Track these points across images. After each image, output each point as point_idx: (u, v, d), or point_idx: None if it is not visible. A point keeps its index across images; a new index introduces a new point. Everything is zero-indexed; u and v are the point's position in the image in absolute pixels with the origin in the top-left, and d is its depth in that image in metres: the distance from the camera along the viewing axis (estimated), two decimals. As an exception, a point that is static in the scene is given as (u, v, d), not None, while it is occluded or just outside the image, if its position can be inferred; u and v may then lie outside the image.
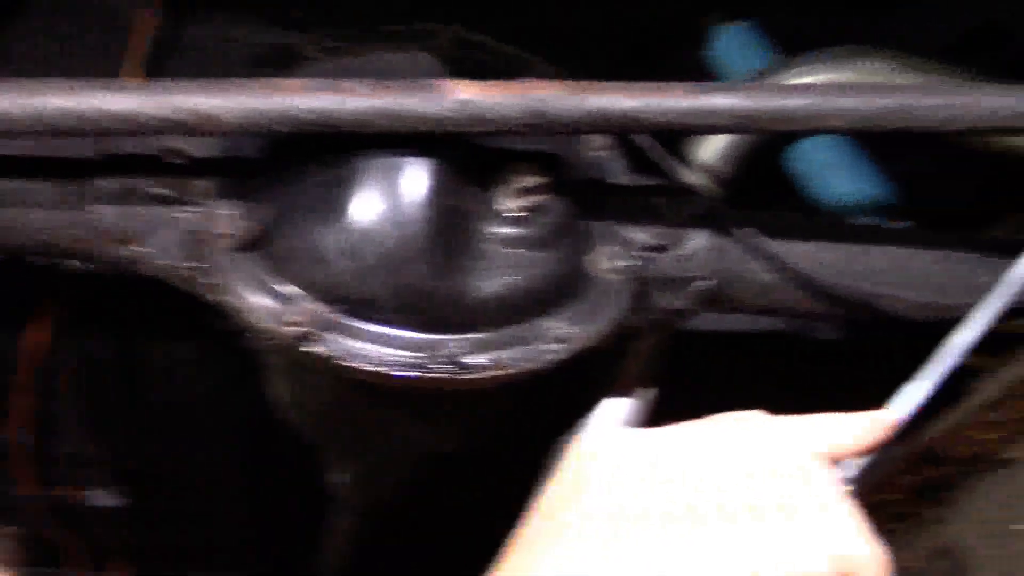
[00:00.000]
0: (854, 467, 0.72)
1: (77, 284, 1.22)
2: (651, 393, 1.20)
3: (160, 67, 1.16)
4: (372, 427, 1.07)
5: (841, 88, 0.88)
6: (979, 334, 0.78)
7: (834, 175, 1.31)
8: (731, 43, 1.40)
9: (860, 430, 0.71)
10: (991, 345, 1.15)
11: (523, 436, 1.26)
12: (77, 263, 1.03)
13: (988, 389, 0.76)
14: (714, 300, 1.07)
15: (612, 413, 1.19)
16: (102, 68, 1.14)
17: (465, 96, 0.85)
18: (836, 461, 0.71)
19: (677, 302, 1.05)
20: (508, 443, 1.25)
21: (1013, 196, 1.24)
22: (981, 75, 1.15)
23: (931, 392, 0.76)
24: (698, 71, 1.44)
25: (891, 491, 0.86)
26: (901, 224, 1.28)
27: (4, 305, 1.26)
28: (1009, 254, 1.11)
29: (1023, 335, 1.06)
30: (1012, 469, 0.79)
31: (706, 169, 1.22)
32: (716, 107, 0.86)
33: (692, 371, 1.37)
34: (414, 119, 0.85)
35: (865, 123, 0.87)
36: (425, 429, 1.06)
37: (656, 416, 1.21)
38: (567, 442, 1.15)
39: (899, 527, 0.90)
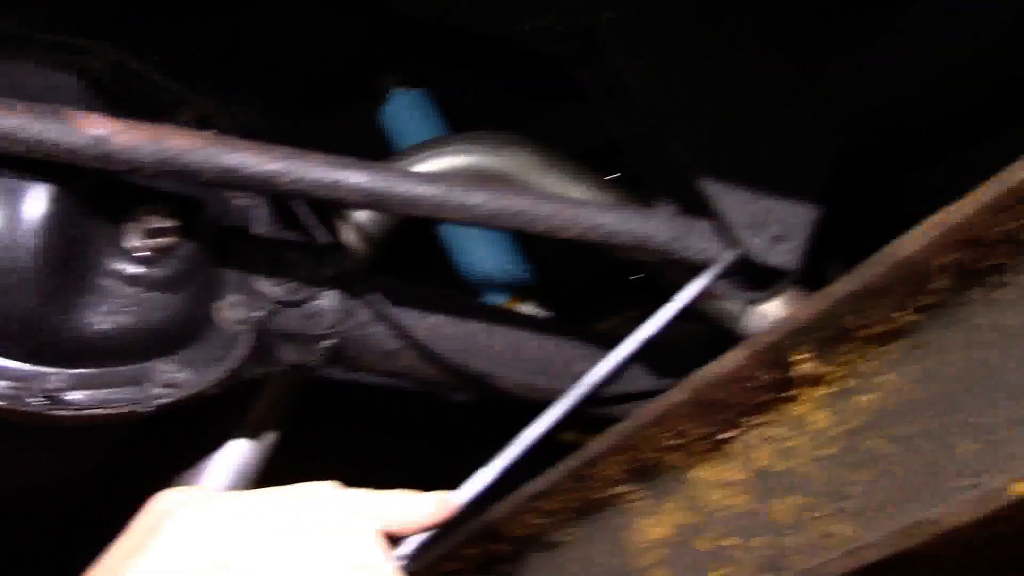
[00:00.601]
0: (414, 542, 0.78)
1: None
2: (272, 438, 1.22)
3: None
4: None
5: (470, 185, 0.94)
6: (547, 429, 0.86)
7: (476, 251, 1.40)
8: (404, 107, 1.46)
9: (422, 509, 0.76)
10: (591, 425, 1.27)
11: (134, 473, 1.24)
12: None
13: (541, 480, 0.85)
14: (339, 359, 1.10)
15: (229, 458, 1.20)
16: None
17: (98, 133, 0.84)
18: (397, 536, 0.76)
19: (302, 357, 1.07)
20: (117, 479, 1.22)
21: (623, 294, 1.39)
22: (609, 180, 1.29)
23: (497, 478, 0.83)
24: (371, 127, 1.49)
25: (456, 562, 0.93)
26: (527, 306, 1.39)
27: None
28: (610, 347, 1.24)
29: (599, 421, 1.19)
30: (555, 552, 0.88)
31: (358, 229, 1.27)
32: (348, 184, 0.90)
33: (324, 418, 1.40)
34: (38, 147, 0.83)
35: (483, 221, 0.94)
36: (18, 458, 1.02)
37: (280, 461, 1.23)
38: (171, 487, 1.14)
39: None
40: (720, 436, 0.77)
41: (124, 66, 1.05)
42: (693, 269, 1.07)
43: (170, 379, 0.94)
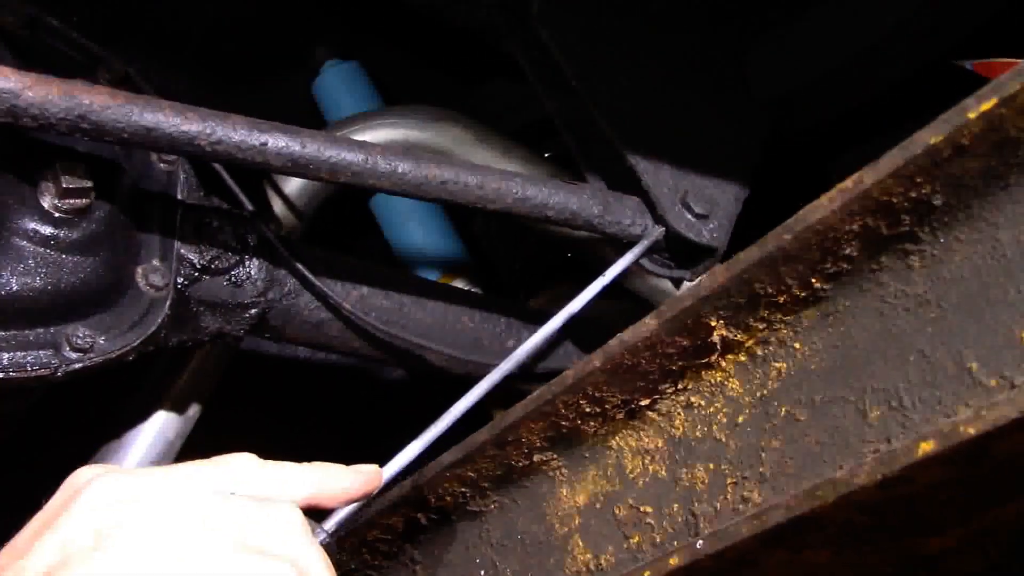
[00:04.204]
0: (341, 515, 0.75)
1: None
2: (195, 411, 1.20)
3: None
4: None
5: (395, 152, 0.93)
6: (476, 402, 0.85)
7: (409, 227, 1.39)
8: (337, 78, 1.45)
9: (348, 480, 0.74)
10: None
11: (47, 442, 1.21)
12: None
13: (461, 447, 0.84)
14: (264, 328, 1.09)
15: (152, 429, 1.18)
16: None
17: (6, 86, 0.81)
18: (323, 508, 0.74)
19: (226, 325, 1.05)
20: (30, 448, 1.19)
21: (552, 272, 1.39)
22: (544, 157, 1.29)
23: (425, 450, 0.82)
24: (305, 100, 1.48)
25: (378, 530, 0.92)
26: (460, 282, 1.38)
27: None
28: (541, 324, 1.24)
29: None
30: (478, 520, 0.88)
31: (287, 200, 1.25)
32: (272, 148, 0.88)
33: (250, 391, 1.39)
34: (-60, 99, 0.80)
35: (409, 189, 0.93)
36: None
37: (206, 434, 1.21)
38: (94, 459, 1.11)
39: (389, 565, 0.96)
40: (637, 404, 0.77)
41: (40, 22, 1.02)
42: (620, 245, 1.07)
43: (84, 344, 0.91)
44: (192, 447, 1.19)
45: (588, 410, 0.78)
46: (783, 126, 1.22)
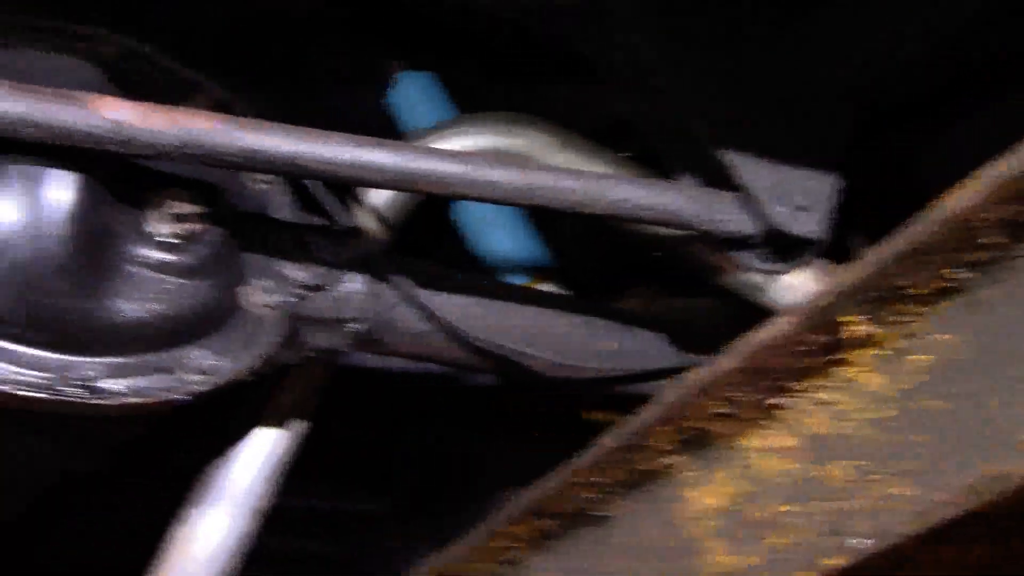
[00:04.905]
0: None
1: None
2: (303, 427, 1.21)
3: None
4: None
5: (494, 161, 0.93)
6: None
7: (494, 233, 1.39)
8: (411, 91, 1.45)
9: None
10: (618, 403, 1.26)
11: (168, 460, 1.23)
12: None
13: (588, 454, 0.84)
14: (368, 342, 1.10)
15: (259, 447, 1.19)
16: None
17: (117, 116, 0.83)
18: None
19: (331, 341, 1.06)
20: (150, 466, 1.21)
21: (638, 272, 1.38)
22: (623, 159, 1.28)
23: None
24: (380, 113, 1.48)
25: (506, 539, 0.92)
26: (548, 286, 1.38)
27: None
28: (633, 324, 1.23)
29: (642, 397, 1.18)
30: (605, 526, 0.88)
31: (375, 213, 1.25)
32: (372, 163, 0.89)
33: (355, 406, 1.40)
34: (59, 132, 0.81)
35: (509, 197, 0.93)
36: (54, 448, 1.01)
37: (311, 450, 1.22)
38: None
39: (508, 571, 0.97)
40: (769, 402, 0.77)
41: (135, 52, 1.03)
42: (717, 242, 1.06)
43: (205, 366, 0.93)
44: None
45: (717, 411, 0.78)
46: (869, 112, 1.20)
